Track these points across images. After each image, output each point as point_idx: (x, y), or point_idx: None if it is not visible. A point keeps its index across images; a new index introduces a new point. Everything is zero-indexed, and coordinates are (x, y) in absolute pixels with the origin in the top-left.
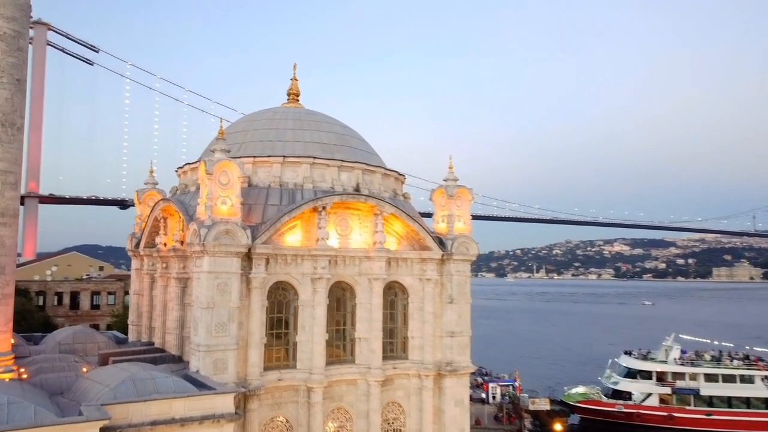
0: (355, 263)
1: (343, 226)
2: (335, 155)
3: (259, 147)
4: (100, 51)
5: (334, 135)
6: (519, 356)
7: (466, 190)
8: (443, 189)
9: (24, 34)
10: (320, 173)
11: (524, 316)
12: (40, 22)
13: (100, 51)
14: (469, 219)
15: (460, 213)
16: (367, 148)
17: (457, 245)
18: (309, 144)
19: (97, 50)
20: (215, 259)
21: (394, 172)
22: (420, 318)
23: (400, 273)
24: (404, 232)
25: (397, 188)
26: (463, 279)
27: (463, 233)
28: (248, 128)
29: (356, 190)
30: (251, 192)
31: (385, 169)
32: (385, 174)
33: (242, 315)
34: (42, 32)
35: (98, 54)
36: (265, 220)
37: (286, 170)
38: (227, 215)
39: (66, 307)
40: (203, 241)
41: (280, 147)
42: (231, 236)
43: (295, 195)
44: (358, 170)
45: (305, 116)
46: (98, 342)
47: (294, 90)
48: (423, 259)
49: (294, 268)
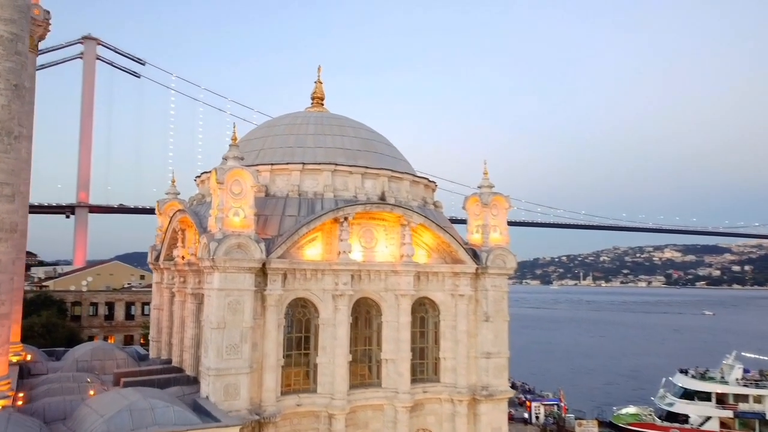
0: (380, 278)
1: (367, 238)
2: (359, 161)
3: (278, 154)
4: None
5: (359, 140)
6: (564, 371)
7: (503, 198)
8: (477, 197)
9: (23, 37)
10: (342, 181)
11: (570, 327)
12: (89, 38)
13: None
14: (506, 229)
15: (496, 222)
16: (394, 154)
17: (492, 258)
18: (331, 150)
19: (144, 63)
20: (226, 275)
21: (423, 179)
22: (452, 337)
23: (431, 288)
24: (434, 244)
25: (427, 196)
26: (499, 295)
27: (500, 245)
28: (267, 134)
29: (381, 198)
30: (268, 202)
31: (413, 175)
32: (413, 181)
33: (256, 335)
34: (91, 47)
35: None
36: (281, 233)
37: (305, 178)
38: (240, 227)
39: (101, 317)
40: (213, 255)
41: (300, 153)
42: (243, 250)
43: (314, 205)
44: (384, 177)
45: (328, 121)
46: (117, 359)
47: (318, 93)
48: (455, 273)
49: (314, 284)
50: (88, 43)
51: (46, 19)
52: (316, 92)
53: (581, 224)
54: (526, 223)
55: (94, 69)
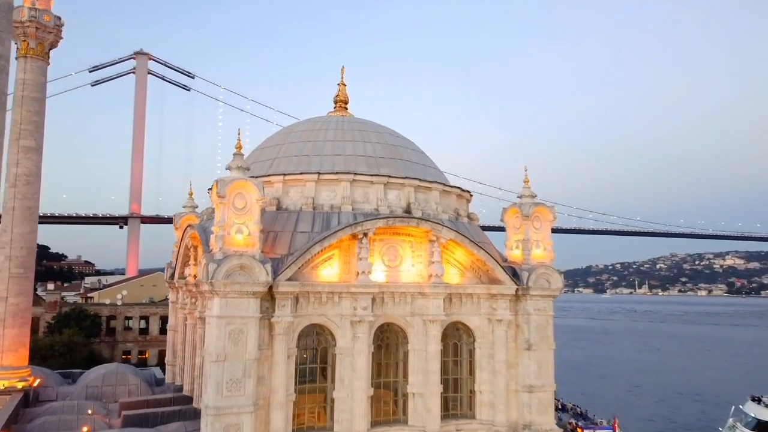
0: (406, 301)
1: (391, 256)
2: (382, 170)
3: (293, 163)
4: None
5: (383, 146)
6: (620, 391)
7: (546, 209)
8: (517, 208)
9: (4, 39)
10: (363, 192)
11: (626, 340)
12: (141, 53)
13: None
14: (551, 244)
15: (539, 237)
16: (423, 161)
17: (535, 277)
18: (351, 158)
19: (193, 76)
20: (227, 301)
21: (456, 189)
22: (490, 368)
23: (464, 312)
24: (468, 262)
25: (461, 207)
26: (543, 319)
27: (543, 262)
28: (283, 141)
29: (406, 211)
30: (279, 217)
31: (444, 185)
32: (444, 191)
33: (263, 368)
34: (143, 62)
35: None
36: (292, 251)
37: (321, 189)
38: (243, 246)
39: (135, 332)
40: (211, 279)
41: (317, 162)
42: (247, 272)
43: (330, 219)
44: (410, 187)
45: (349, 126)
46: (129, 385)
47: (341, 96)
48: (492, 294)
49: (330, 309)
50: (140, 58)
51: (57, 25)
52: (338, 95)
53: (636, 231)
54: (577, 230)
55: (145, 83)
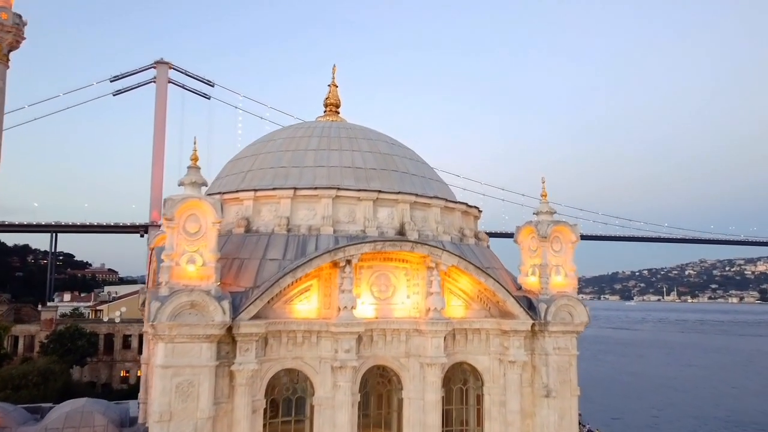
0: (399, 339)
1: (381, 286)
2: (372, 184)
3: (268, 176)
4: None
5: (375, 156)
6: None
7: (567, 228)
8: (532, 227)
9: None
10: (348, 210)
11: (656, 353)
12: (162, 62)
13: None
14: (573, 269)
15: (559, 261)
16: (423, 172)
17: (554, 310)
18: (336, 169)
19: (213, 84)
20: (174, 347)
21: (460, 205)
22: (501, 418)
23: (471, 351)
24: (475, 291)
25: (466, 226)
26: (564, 360)
27: (565, 291)
28: (260, 151)
29: (400, 232)
30: (247, 241)
31: (446, 200)
32: (446, 207)
33: (221, 425)
34: (164, 71)
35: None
36: (259, 283)
37: (298, 208)
38: (196, 279)
39: (134, 351)
40: (153, 320)
41: (296, 175)
42: (199, 311)
43: (306, 243)
44: (405, 204)
45: (336, 132)
46: (95, 426)
47: (332, 99)
48: (504, 331)
49: (307, 350)
50: (160, 67)
51: (16, 24)
52: (329, 98)
53: (664, 237)
54: (603, 237)
55: (166, 92)
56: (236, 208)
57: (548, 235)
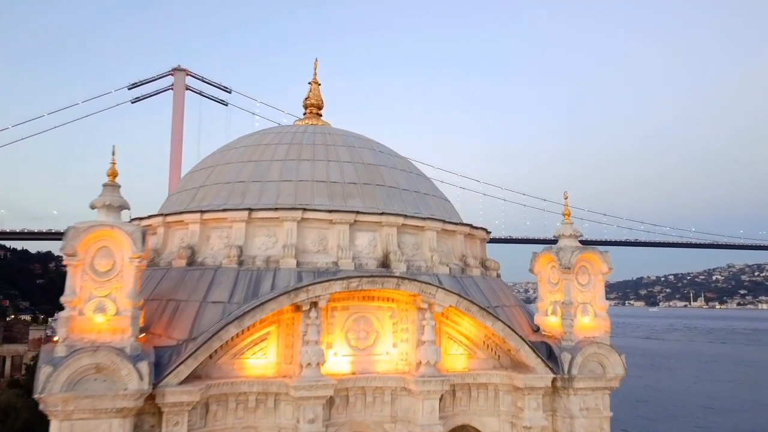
0: (383, 400)
1: (360, 332)
2: (350, 202)
3: (223, 193)
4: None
5: (357, 167)
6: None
7: (597, 256)
8: (552, 254)
9: None
10: (317, 236)
11: (688, 366)
12: (179, 69)
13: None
14: (604, 307)
15: (587, 298)
16: (417, 185)
17: (581, 361)
18: (306, 184)
19: (230, 91)
20: (72, 426)
21: (463, 227)
22: None
23: (475, 411)
24: (480, 336)
25: (471, 253)
26: (595, 424)
27: (594, 336)
28: (218, 162)
29: (383, 264)
30: (188, 277)
31: (444, 221)
32: (444, 231)
33: None
34: (181, 78)
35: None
36: (195, 335)
37: (254, 234)
38: (106, 333)
39: None
40: (42, 392)
41: (255, 192)
42: (108, 377)
43: (260, 281)
44: (390, 227)
45: (311, 138)
46: None
47: (312, 99)
48: (517, 387)
49: (263, 418)
50: (177, 74)
51: None
52: (309, 98)
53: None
54: (628, 242)
55: (183, 99)
56: (181, 234)
57: (573, 265)
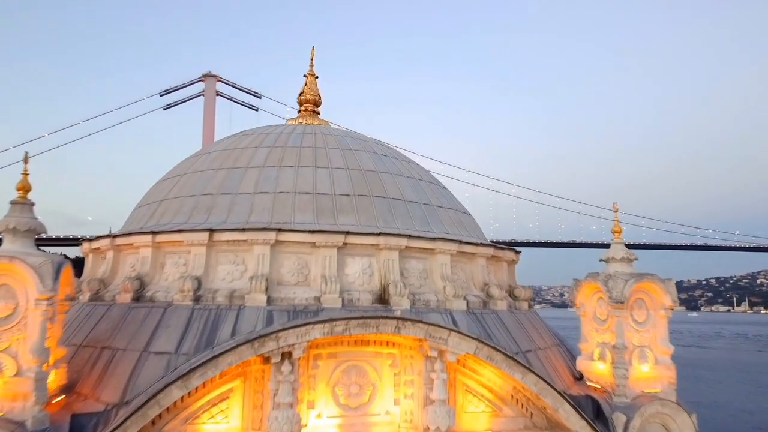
0: None
1: (351, 385)
2: (341, 219)
3: (185, 208)
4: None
5: (352, 174)
6: None
7: (658, 286)
8: (598, 283)
9: None
10: (296, 264)
11: (737, 378)
12: (209, 75)
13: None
14: (668, 352)
15: (646, 339)
16: (428, 196)
17: (640, 424)
18: (287, 197)
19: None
20: None
21: (486, 248)
22: None
23: None
24: (506, 389)
25: (495, 280)
26: None
27: (655, 388)
28: (186, 170)
29: (381, 299)
30: (131, 317)
31: (460, 242)
32: (461, 254)
33: None
34: (212, 84)
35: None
36: (129, 398)
37: (217, 260)
38: (2, 401)
39: None
40: None
41: (224, 207)
42: None
43: (219, 323)
44: (390, 251)
45: (298, 140)
46: None
47: (308, 95)
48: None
49: None
50: (208, 80)
51: None
52: (304, 92)
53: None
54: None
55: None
56: (132, 261)
57: (626, 298)
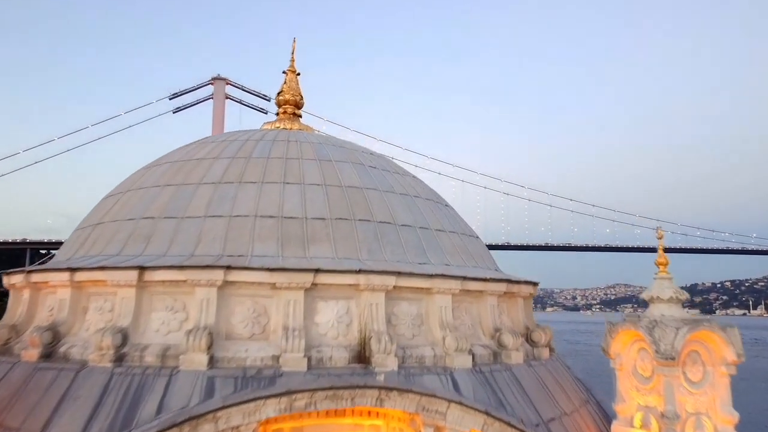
0: None
1: None
2: (312, 250)
3: (120, 236)
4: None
5: (330, 192)
6: None
7: (718, 336)
8: (638, 330)
9: None
10: (251, 310)
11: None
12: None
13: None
14: (732, 420)
15: (703, 404)
16: (425, 218)
17: None
18: (245, 221)
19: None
20: None
21: (499, 284)
22: None
23: None
24: None
25: (509, 322)
26: None
27: None
28: (132, 186)
29: (360, 356)
30: (32, 384)
31: (464, 278)
32: (465, 292)
33: None
34: (220, 87)
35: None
36: None
37: (150, 306)
38: None
39: None
40: None
41: (166, 234)
42: None
43: (144, 393)
44: (374, 293)
45: (266, 150)
46: None
47: (287, 94)
48: None
49: None
50: (217, 83)
51: None
52: (283, 92)
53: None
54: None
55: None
56: (51, 303)
57: (678, 353)
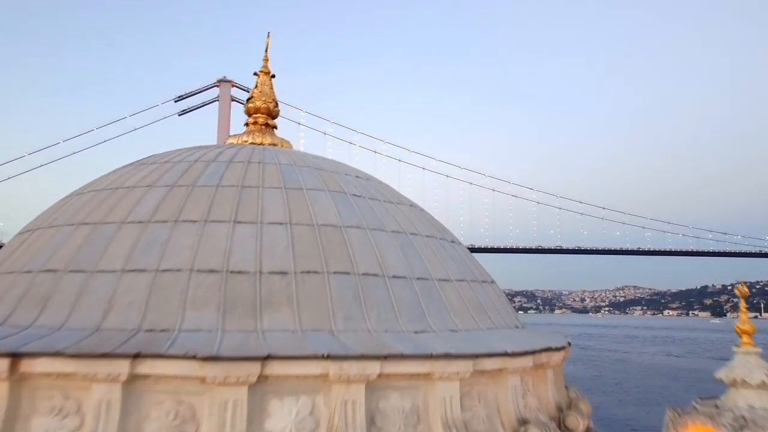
0: None
1: None
2: (267, 317)
3: (10, 296)
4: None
5: (296, 234)
6: None
7: None
8: (717, 427)
9: None
10: (170, 413)
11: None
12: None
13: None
14: None
15: None
16: (428, 266)
17: None
18: (178, 277)
19: None
20: None
21: (524, 357)
22: None
23: None
24: None
25: (537, 406)
26: None
27: None
28: (43, 223)
29: None
30: None
31: (477, 357)
32: (479, 372)
33: None
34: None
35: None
36: None
37: (32, 406)
38: None
39: None
40: None
41: (68, 297)
42: None
43: None
44: (350, 384)
45: (216, 174)
46: None
47: (258, 101)
48: None
49: None
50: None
51: None
52: (253, 97)
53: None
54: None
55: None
56: None
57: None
